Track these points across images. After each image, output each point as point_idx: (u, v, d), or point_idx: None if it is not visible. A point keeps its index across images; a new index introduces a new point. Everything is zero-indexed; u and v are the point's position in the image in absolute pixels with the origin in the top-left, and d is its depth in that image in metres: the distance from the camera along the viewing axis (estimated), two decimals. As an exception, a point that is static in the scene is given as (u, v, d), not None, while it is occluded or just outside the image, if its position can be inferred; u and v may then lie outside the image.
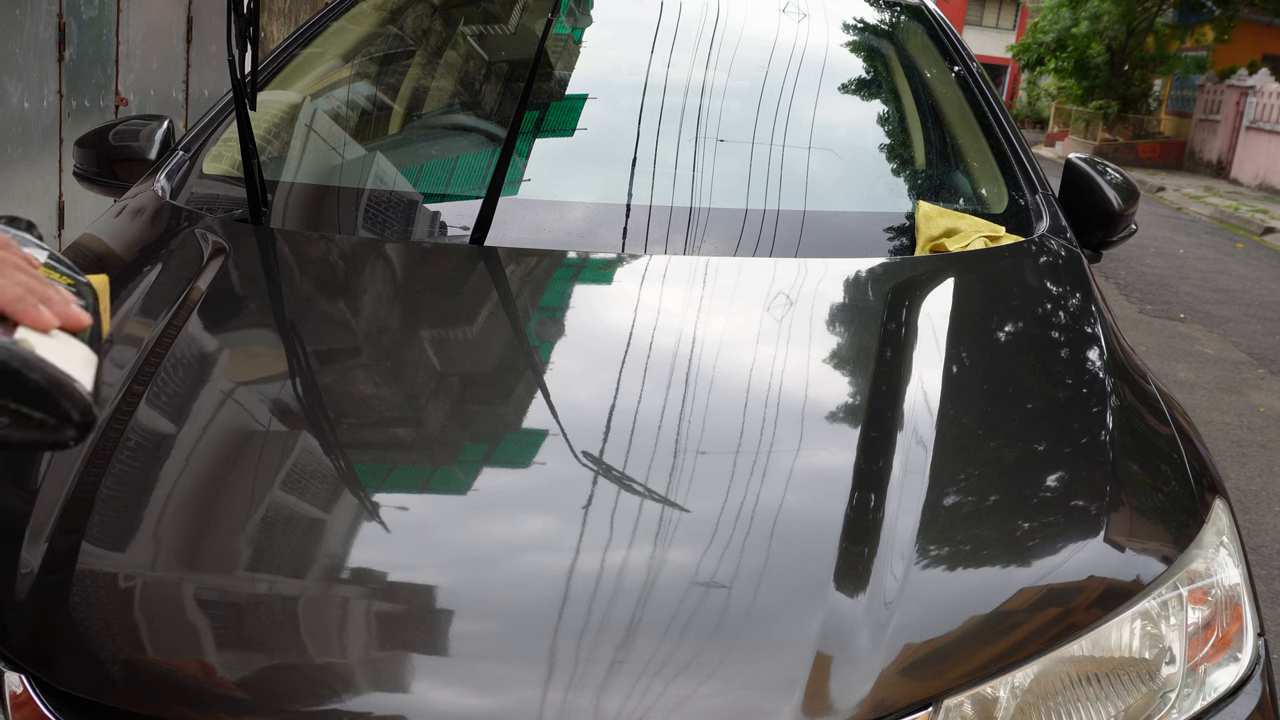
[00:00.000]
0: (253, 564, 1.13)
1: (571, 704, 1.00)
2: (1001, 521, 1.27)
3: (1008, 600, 1.16)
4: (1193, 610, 1.23)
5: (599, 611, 1.07)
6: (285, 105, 2.30)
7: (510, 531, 1.20)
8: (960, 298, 1.75)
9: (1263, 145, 17.80)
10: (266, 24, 8.30)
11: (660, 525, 1.18)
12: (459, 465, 1.31)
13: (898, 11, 2.74)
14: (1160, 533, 1.32)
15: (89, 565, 1.13)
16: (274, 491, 1.22)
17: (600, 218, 1.93)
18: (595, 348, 1.58)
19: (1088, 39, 22.78)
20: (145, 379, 1.40)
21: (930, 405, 1.42)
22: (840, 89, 2.44)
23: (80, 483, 1.22)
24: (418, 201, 2.01)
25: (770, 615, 1.09)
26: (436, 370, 1.53)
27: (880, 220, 2.05)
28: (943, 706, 1.07)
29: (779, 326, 1.61)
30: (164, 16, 6.71)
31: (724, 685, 1.03)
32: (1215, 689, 1.21)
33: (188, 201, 1.99)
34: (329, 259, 1.82)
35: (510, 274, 1.79)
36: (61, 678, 1.05)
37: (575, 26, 2.60)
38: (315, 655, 1.05)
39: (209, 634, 1.07)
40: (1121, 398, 1.54)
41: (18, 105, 5.30)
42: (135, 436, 1.31)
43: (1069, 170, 2.34)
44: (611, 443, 1.32)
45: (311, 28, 2.52)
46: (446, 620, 1.09)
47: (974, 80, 2.43)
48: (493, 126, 2.25)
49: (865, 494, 1.25)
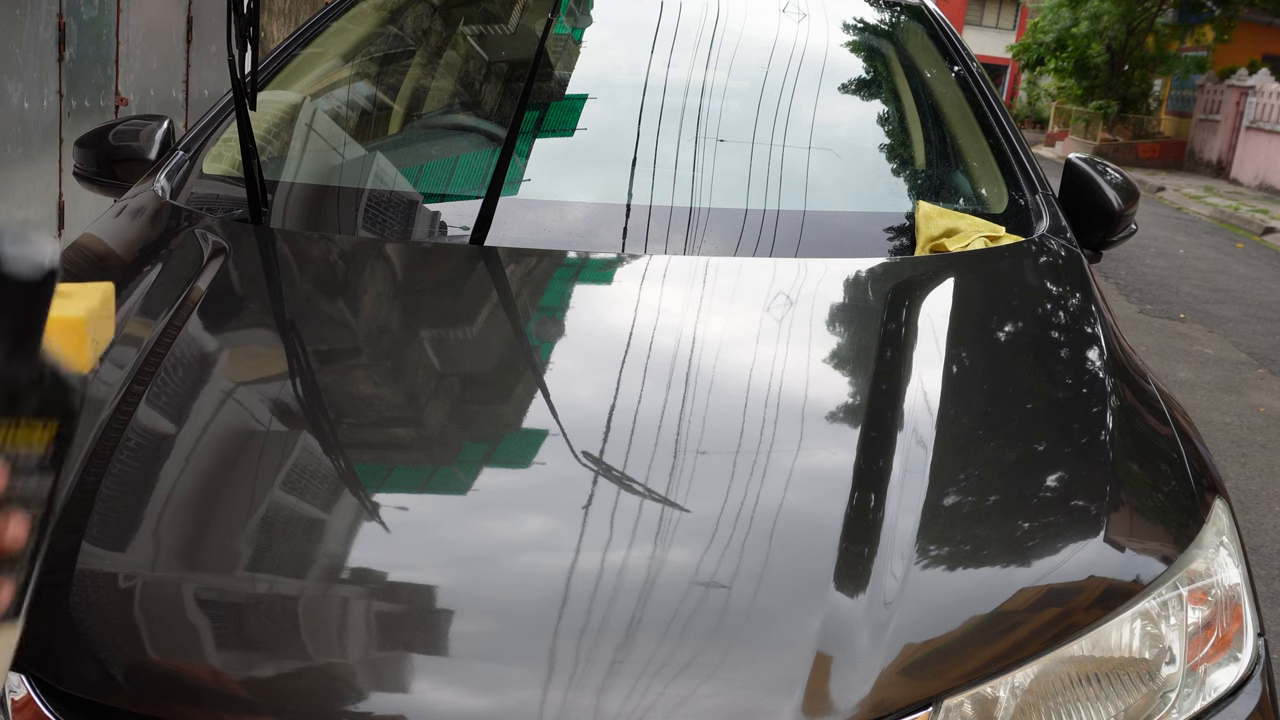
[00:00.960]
0: (253, 564, 1.13)
1: (571, 704, 0.99)
2: (1001, 521, 1.27)
3: (1008, 600, 1.16)
4: (1193, 610, 1.23)
5: (599, 611, 1.07)
6: (285, 105, 2.30)
7: (510, 531, 1.20)
8: (960, 298, 1.75)
9: (1263, 145, 17.80)
10: (266, 24, 8.30)
11: (660, 525, 1.18)
12: (459, 465, 1.31)
13: (898, 11, 2.74)
14: (1160, 533, 1.32)
15: (89, 565, 1.13)
16: (274, 491, 1.22)
17: (600, 218, 1.93)
18: (595, 348, 1.58)
19: (1088, 39, 22.78)
20: (145, 379, 1.40)
21: (930, 405, 1.42)
22: (840, 89, 2.44)
23: (80, 483, 1.22)
24: (418, 201, 2.01)
25: (770, 615, 1.09)
26: (436, 370, 1.53)
27: (880, 220, 2.05)
28: (943, 706, 1.07)
29: (779, 326, 1.61)
30: (164, 16, 6.71)
31: (724, 685, 1.03)
32: (1215, 689, 1.21)
33: (188, 201, 1.99)
34: (329, 259, 1.82)
35: (510, 274, 1.79)
36: (62, 678, 1.05)
37: (575, 26, 2.60)
38: (315, 655, 1.05)
39: (209, 634, 1.07)
40: (1121, 398, 1.54)
41: (18, 105, 5.30)
42: (135, 436, 1.31)
43: (1069, 170, 2.34)
44: (611, 443, 1.32)
45: (311, 28, 2.52)
46: (447, 620, 1.09)
47: (974, 80, 2.43)
48: (493, 126, 2.25)
49: (865, 494, 1.25)
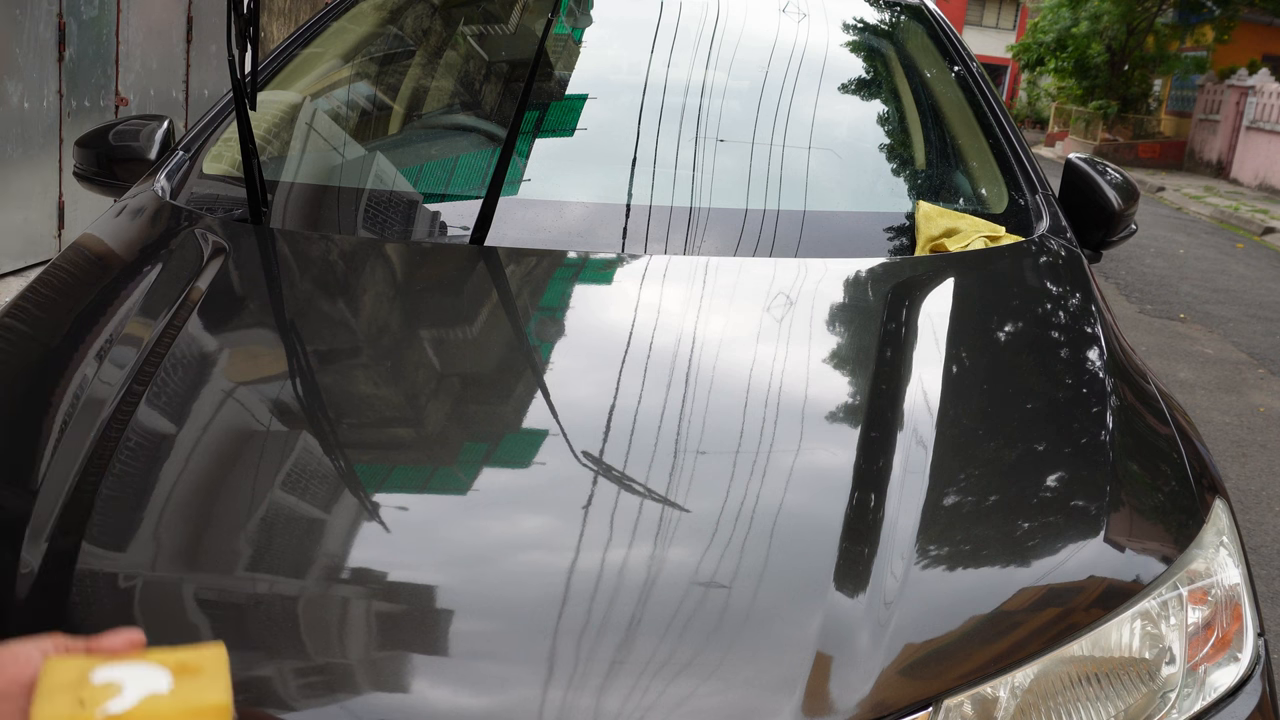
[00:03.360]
0: (253, 564, 1.13)
1: (571, 703, 0.99)
2: (1001, 521, 1.27)
3: (1008, 600, 1.16)
4: (1193, 610, 1.23)
5: (599, 611, 1.07)
6: (285, 105, 2.30)
7: (510, 531, 1.20)
8: (960, 298, 1.75)
9: (1263, 145, 17.80)
10: (266, 24, 8.30)
11: (660, 525, 1.18)
12: (459, 465, 1.31)
13: (898, 11, 2.74)
14: (1160, 533, 1.32)
15: (89, 565, 1.13)
16: (274, 491, 1.22)
17: (600, 217, 1.93)
18: (595, 348, 1.58)
19: (1088, 39, 22.77)
20: (145, 379, 1.40)
21: (930, 405, 1.42)
22: (840, 89, 2.44)
23: (80, 483, 1.22)
24: (418, 201, 2.01)
25: (770, 615, 1.09)
26: (436, 370, 1.53)
27: (880, 220, 2.05)
28: (943, 706, 1.07)
29: (779, 326, 1.61)
30: (164, 16, 6.71)
31: (724, 685, 1.03)
32: (1215, 689, 1.21)
33: (188, 201, 1.99)
34: (329, 259, 1.82)
35: (510, 274, 1.79)
36: (61, 678, 1.04)
37: (575, 26, 2.60)
38: (315, 655, 1.05)
39: (209, 634, 1.07)
40: (1121, 398, 1.54)
41: (18, 105, 5.30)
42: (135, 436, 1.30)
43: (1069, 170, 2.34)
44: (611, 443, 1.32)
45: (311, 28, 2.52)
46: (447, 620, 1.09)
47: (974, 80, 2.43)
48: (493, 126, 2.25)
49: (865, 494, 1.25)
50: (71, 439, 1.31)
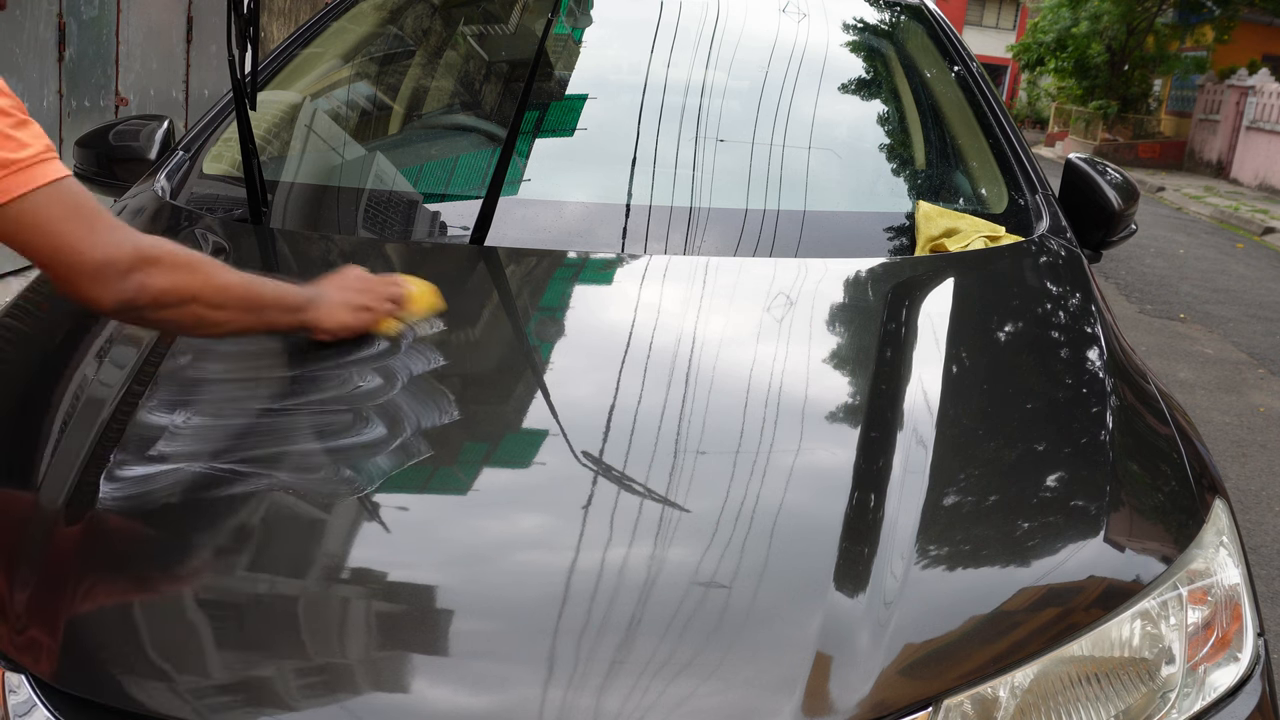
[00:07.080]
0: (253, 564, 1.14)
1: (571, 703, 1.00)
2: (1001, 521, 1.27)
3: (1008, 600, 1.16)
4: (1193, 610, 1.23)
5: (599, 611, 1.07)
6: (285, 105, 2.30)
7: (510, 531, 1.20)
8: (960, 298, 1.75)
9: (1263, 145, 17.80)
10: (266, 24, 8.30)
11: (660, 525, 1.18)
12: (459, 465, 1.31)
13: (898, 11, 2.74)
14: (1160, 532, 1.32)
15: (89, 565, 1.13)
16: (274, 491, 1.22)
17: (600, 217, 1.93)
18: (595, 347, 1.58)
19: (1088, 39, 22.77)
20: (145, 379, 1.40)
21: (930, 405, 1.42)
22: (840, 89, 2.44)
23: (80, 482, 1.22)
24: (418, 201, 2.01)
25: (770, 615, 1.09)
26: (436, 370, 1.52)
27: (880, 220, 2.05)
28: (943, 706, 1.07)
29: (779, 326, 1.61)
30: (164, 16, 6.71)
31: (724, 685, 1.03)
32: (1215, 689, 1.21)
33: (188, 201, 1.99)
34: (329, 259, 1.82)
35: (510, 274, 1.79)
36: (61, 678, 1.05)
37: (575, 26, 2.60)
38: (315, 655, 1.05)
39: (209, 634, 1.07)
40: (1121, 398, 1.54)
41: (18, 105, 5.29)
42: (135, 436, 1.30)
43: (1069, 170, 2.34)
44: (611, 442, 1.32)
45: (311, 28, 2.52)
46: (447, 620, 1.09)
47: (974, 80, 2.43)
48: (492, 126, 2.25)
49: (865, 494, 1.25)
50: (71, 439, 1.31)
